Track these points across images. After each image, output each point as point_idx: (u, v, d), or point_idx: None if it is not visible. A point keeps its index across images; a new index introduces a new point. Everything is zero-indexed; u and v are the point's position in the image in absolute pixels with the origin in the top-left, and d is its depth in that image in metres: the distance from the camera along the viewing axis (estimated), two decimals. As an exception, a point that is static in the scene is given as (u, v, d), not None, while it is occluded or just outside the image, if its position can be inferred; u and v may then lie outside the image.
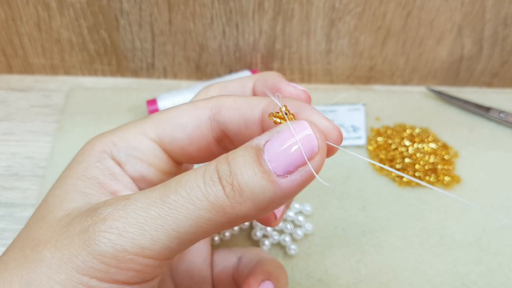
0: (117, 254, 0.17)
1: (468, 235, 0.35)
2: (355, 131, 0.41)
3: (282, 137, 0.17)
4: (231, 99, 0.21)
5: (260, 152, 0.17)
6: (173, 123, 0.21)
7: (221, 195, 0.17)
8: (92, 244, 0.17)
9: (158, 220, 0.17)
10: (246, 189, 0.17)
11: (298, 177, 0.17)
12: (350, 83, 0.46)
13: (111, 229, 0.17)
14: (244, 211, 0.17)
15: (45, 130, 0.42)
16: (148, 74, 0.46)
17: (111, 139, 0.21)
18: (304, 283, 0.33)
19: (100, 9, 0.40)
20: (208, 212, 0.17)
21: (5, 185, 0.38)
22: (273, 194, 0.17)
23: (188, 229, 0.17)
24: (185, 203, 0.17)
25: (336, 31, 0.42)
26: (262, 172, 0.17)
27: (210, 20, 0.41)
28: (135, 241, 0.17)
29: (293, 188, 0.17)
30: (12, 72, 0.46)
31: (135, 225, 0.17)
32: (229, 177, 0.17)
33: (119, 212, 0.18)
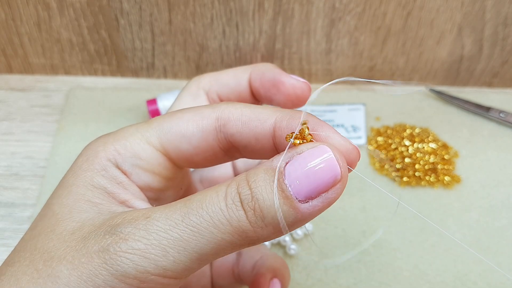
0: (139, 275, 0.17)
1: (468, 235, 0.35)
2: (355, 131, 0.41)
3: (304, 161, 0.17)
4: (238, 111, 0.20)
5: (281, 176, 0.17)
6: (178, 134, 0.21)
7: (244, 219, 0.17)
8: (114, 265, 0.17)
9: (180, 242, 0.17)
10: (268, 215, 0.17)
11: (320, 203, 0.17)
12: (350, 83, 0.46)
13: (133, 250, 0.17)
14: (265, 234, 0.17)
15: (45, 130, 0.42)
16: (148, 74, 0.46)
17: (114, 147, 0.21)
18: (304, 283, 0.33)
19: (100, 9, 0.40)
20: (230, 236, 0.17)
21: (5, 185, 0.38)
22: (294, 219, 0.17)
23: (209, 251, 0.17)
24: (208, 226, 0.17)
25: (336, 31, 0.42)
26: (284, 197, 0.17)
27: (210, 20, 0.41)
28: (157, 262, 0.17)
29: (313, 214, 0.17)
30: (12, 72, 0.46)
31: (158, 247, 0.17)
32: (251, 202, 0.17)
33: (141, 233, 0.18)
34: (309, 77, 0.46)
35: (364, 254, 0.34)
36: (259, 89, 0.25)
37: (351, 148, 0.19)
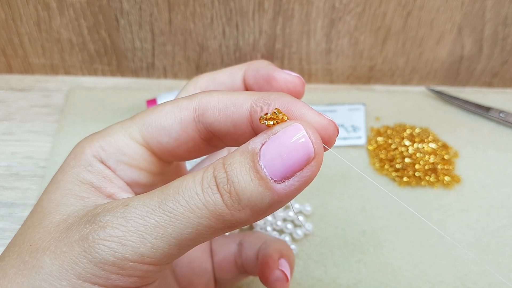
0: (117, 262, 0.17)
1: (468, 235, 0.35)
2: (355, 131, 0.41)
3: (278, 141, 0.17)
4: (214, 99, 0.20)
5: (256, 158, 0.17)
6: (158, 127, 0.21)
7: (220, 203, 0.17)
8: (92, 252, 0.17)
9: (157, 228, 0.17)
10: (244, 197, 0.17)
11: (296, 182, 0.17)
12: (350, 83, 0.46)
13: (111, 237, 0.17)
14: (243, 217, 0.17)
15: (45, 130, 0.42)
16: (148, 74, 0.46)
17: (99, 144, 0.21)
18: (304, 283, 0.33)
19: (100, 9, 0.40)
20: (207, 219, 0.17)
21: (5, 185, 0.38)
22: (270, 200, 0.17)
23: (188, 236, 0.17)
24: (184, 211, 0.17)
25: (336, 31, 0.42)
26: (259, 178, 0.17)
27: (210, 20, 0.41)
28: (135, 249, 0.17)
29: (290, 193, 0.17)
30: (12, 72, 0.46)
31: (135, 234, 0.17)
32: (227, 185, 0.17)
33: (118, 220, 0.18)
34: (309, 77, 0.46)
35: (364, 254, 0.34)
36: (253, 86, 0.25)
37: (327, 123, 0.18)
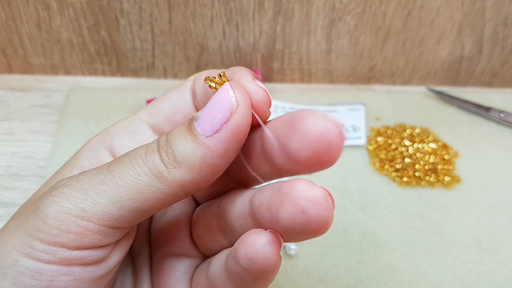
0: (59, 215, 0.18)
1: (468, 235, 0.35)
2: (355, 131, 0.41)
3: (210, 102, 0.18)
4: (206, 72, 0.21)
5: (192, 121, 0.19)
6: (162, 99, 0.23)
7: (158, 161, 0.18)
8: (40, 206, 0.19)
9: (101, 185, 0.18)
10: (178, 154, 0.18)
11: (223, 133, 0.18)
12: (350, 83, 0.46)
13: (59, 194, 0.19)
14: (180, 174, 0.18)
15: (45, 130, 0.42)
16: (148, 74, 0.46)
17: (106, 131, 0.23)
18: (304, 283, 0.33)
19: (100, 9, 0.40)
20: (146, 176, 0.18)
21: (5, 184, 0.38)
22: (203, 154, 0.18)
23: (128, 194, 0.18)
24: (126, 169, 0.18)
25: (336, 31, 0.42)
26: (191, 135, 0.18)
27: (210, 20, 0.41)
28: (77, 203, 0.18)
29: (220, 145, 0.18)
30: (12, 72, 0.46)
31: (80, 190, 0.19)
32: (165, 146, 0.18)
33: (71, 181, 0.19)
34: (309, 77, 0.46)
35: (364, 254, 0.34)
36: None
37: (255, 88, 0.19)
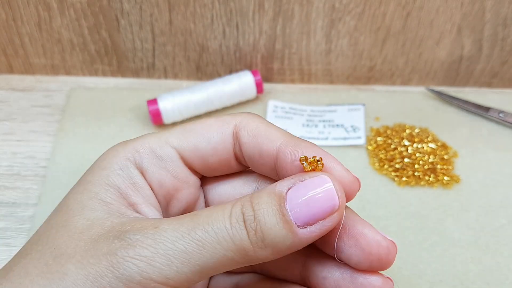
0: (142, 281, 0.18)
1: (467, 235, 0.36)
2: (355, 131, 0.41)
3: (305, 188, 0.19)
4: (254, 124, 0.22)
5: (283, 201, 0.18)
6: (199, 134, 0.22)
7: (245, 239, 0.18)
8: (120, 269, 0.18)
9: (185, 254, 0.18)
10: (268, 237, 0.18)
11: (317, 229, 0.18)
12: (350, 83, 0.46)
13: (140, 257, 0.18)
14: (264, 255, 0.19)
15: (46, 130, 0.42)
16: (148, 74, 0.46)
17: (133, 146, 0.22)
18: (304, 283, 0.33)
19: (101, 9, 0.40)
20: (232, 253, 0.18)
21: (6, 184, 0.38)
22: (291, 243, 0.18)
23: (211, 265, 0.18)
24: (212, 242, 0.18)
25: (336, 32, 0.42)
26: (284, 222, 0.18)
27: (210, 20, 0.41)
28: (161, 271, 0.18)
29: (310, 239, 0.19)
30: (13, 72, 0.46)
31: (163, 257, 0.18)
32: (254, 223, 0.18)
33: (148, 241, 0.18)
34: (309, 77, 0.46)
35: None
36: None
37: (352, 180, 0.20)
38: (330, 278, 0.21)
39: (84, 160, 0.39)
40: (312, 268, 0.22)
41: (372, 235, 0.20)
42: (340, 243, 0.20)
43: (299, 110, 0.43)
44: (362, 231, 0.20)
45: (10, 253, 0.34)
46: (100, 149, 0.40)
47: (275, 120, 0.42)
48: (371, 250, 0.20)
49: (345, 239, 0.20)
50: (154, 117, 0.40)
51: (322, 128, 0.41)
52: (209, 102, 0.41)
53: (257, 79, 0.42)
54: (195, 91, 0.41)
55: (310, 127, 0.42)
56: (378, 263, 0.20)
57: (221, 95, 0.41)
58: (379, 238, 0.20)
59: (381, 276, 0.20)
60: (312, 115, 0.43)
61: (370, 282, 0.20)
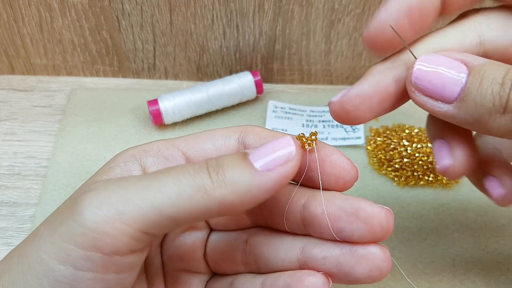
0: (97, 218, 0.18)
1: (466, 234, 0.36)
2: (354, 131, 0.41)
3: (268, 145, 0.20)
4: (259, 129, 0.23)
5: (246, 154, 0.20)
6: (205, 138, 0.23)
7: (206, 177, 0.19)
8: (76, 209, 0.18)
9: (144, 191, 0.19)
10: (229, 175, 0.19)
11: (275, 173, 0.20)
12: (350, 84, 0.46)
13: (97, 195, 0.19)
14: (223, 193, 0.19)
15: (47, 130, 0.42)
16: (149, 74, 0.46)
17: (142, 147, 0.23)
18: (304, 282, 0.33)
19: (102, 10, 0.40)
20: (190, 188, 0.19)
21: (7, 184, 0.38)
22: (250, 182, 0.19)
23: (169, 201, 0.19)
24: (172, 179, 0.19)
25: (335, 32, 0.42)
26: (246, 164, 0.19)
27: (210, 21, 0.41)
28: (116, 205, 0.18)
29: (269, 181, 0.19)
30: (14, 72, 0.46)
31: (119, 193, 0.19)
32: (216, 167, 0.19)
33: (109, 185, 0.19)
34: (309, 78, 0.46)
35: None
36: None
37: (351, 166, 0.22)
38: (329, 256, 0.22)
39: (85, 160, 0.40)
40: (310, 251, 0.22)
41: (371, 208, 0.21)
42: (340, 223, 0.21)
43: (299, 110, 0.43)
44: (360, 205, 0.21)
45: (11, 252, 0.34)
46: (101, 149, 0.41)
47: (275, 120, 0.42)
48: (373, 221, 0.21)
49: (344, 217, 0.21)
50: (154, 117, 0.40)
51: (322, 128, 0.42)
52: (210, 102, 0.42)
53: (257, 80, 0.42)
54: (195, 91, 0.41)
55: (309, 127, 0.42)
56: (381, 232, 0.21)
57: (221, 96, 0.42)
58: (378, 209, 0.21)
59: (378, 245, 0.21)
60: (312, 115, 0.43)
61: (370, 251, 0.21)
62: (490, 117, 0.19)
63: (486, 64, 0.20)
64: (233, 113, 0.43)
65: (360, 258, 0.21)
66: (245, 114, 0.43)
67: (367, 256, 0.21)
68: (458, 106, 0.20)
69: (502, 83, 0.19)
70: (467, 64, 0.20)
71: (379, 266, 0.21)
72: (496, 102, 0.19)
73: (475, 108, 0.19)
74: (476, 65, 0.20)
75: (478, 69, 0.20)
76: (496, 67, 0.20)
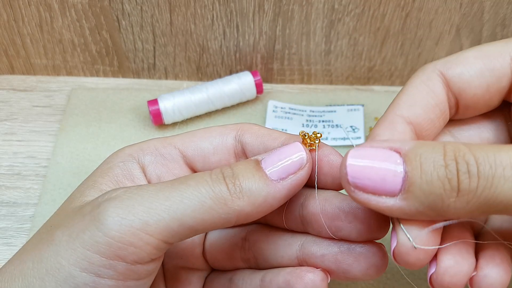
0: (122, 228, 0.18)
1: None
2: (354, 132, 0.41)
3: (279, 152, 0.21)
4: (256, 127, 0.24)
5: (259, 163, 0.21)
6: (202, 136, 0.24)
7: (225, 189, 0.20)
8: (100, 218, 0.18)
9: (166, 202, 0.19)
10: (245, 187, 0.20)
11: (289, 181, 0.20)
12: (349, 84, 0.46)
13: (121, 205, 0.19)
14: (241, 205, 0.19)
15: (47, 130, 0.42)
16: (149, 74, 0.46)
17: (139, 146, 0.23)
18: (304, 282, 0.33)
19: (102, 10, 0.41)
20: (211, 201, 0.19)
21: (7, 184, 0.38)
22: (267, 193, 0.20)
23: (191, 213, 0.19)
24: (193, 190, 0.19)
25: (335, 32, 0.42)
26: (260, 174, 0.20)
27: (210, 21, 0.41)
28: (141, 217, 0.18)
29: (283, 190, 0.20)
30: (14, 72, 0.46)
31: (144, 204, 0.19)
32: (232, 177, 0.20)
33: (130, 194, 0.19)
34: (309, 78, 0.46)
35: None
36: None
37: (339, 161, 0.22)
38: (328, 254, 0.22)
39: (85, 160, 0.40)
40: (309, 249, 0.23)
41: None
42: (338, 223, 0.22)
43: (299, 110, 0.43)
44: (358, 205, 0.21)
45: (11, 253, 0.34)
46: (101, 149, 0.41)
47: (275, 120, 0.42)
48: (370, 221, 0.21)
49: (342, 217, 0.22)
50: (154, 117, 0.40)
51: (322, 129, 0.42)
52: (209, 102, 0.42)
53: (257, 80, 0.42)
54: (195, 91, 0.41)
55: (309, 127, 0.42)
56: (378, 231, 0.21)
57: (221, 96, 0.42)
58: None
59: (375, 243, 0.22)
60: (312, 115, 0.43)
61: (368, 249, 0.22)
62: (444, 203, 0.18)
63: (418, 147, 0.18)
64: (233, 113, 0.43)
65: (358, 256, 0.22)
66: (245, 114, 0.43)
67: (365, 255, 0.22)
68: (405, 198, 0.18)
69: (446, 165, 0.18)
70: (398, 150, 0.19)
71: (376, 264, 0.22)
72: (446, 186, 0.18)
73: (425, 196, 0.18)
74: (408, 150, 0.19)
75: (413, 155, 0.18)
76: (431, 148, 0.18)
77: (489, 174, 0.17)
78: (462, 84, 0.22)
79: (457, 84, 0.22)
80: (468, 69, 0.22)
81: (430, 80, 0.22)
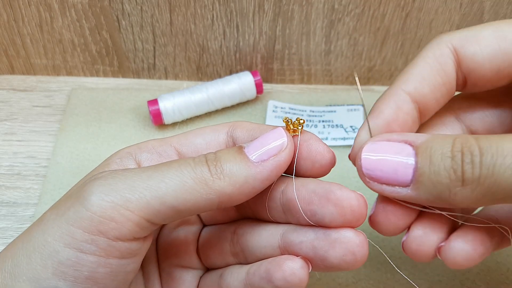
0: (103, 203, 0.19)
1: (466, 235, 0.36)
2: (354, 132, 0.41)
3: (261, 137, 0.22)
4: (247, 123, 0.24)
5: (242, 148, 0.21)
6: (196, 134, 0.25)
7: (206, 170, 0.20)
8: (84, 195, 0.19)
9: (148, 181, 0.20)
10: (226, 168, 0.20)
11: (270, 163, 0.21)
12: (349, 84, 0.46)
13: (104, 183, 0.19)
14: (222, 185, 0.20)
15: (47, 130, 0.42)
16: (149, 74, 0.46)
17: (137, 145, 0.24)
18: (304, 282, 0.33)
19: (102, 10, 0.41)
20: (192, 181, 0.20)
21: (7, 184, 0.38)
22: (247, 173, 0.20)
23: (172, 192, 0.19)
24: (175, 171, 0.20)
25: (335, 32, 0.42)
26: (241, 157, 0.21)
27: (210, 21, 0.41)
28: (122, 193, 0.19)
29: (264, 171, 0.21)
30: (14, 72, 0.46)
31: (126, 182, 0.20)
32: (214, 160, 0.21)
33: (115, 174, 0.20)
34: (309, 78, 0.46)
35: (363, 253, 0.35)
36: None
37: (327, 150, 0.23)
38: (306, 241, 0.22)
39: (85, 160, 0.40)
40: (289, 237, 0.23)
41: (340, 191, 0.21)
42: (312, 207, 0.21)
43: (299, 110, 0.43)
44: (331, 188, 0.21)
45: (11, 252, 0.34)
46: (101, 149, 0.41)
47: (275, 120, 0.42)
48: (343, 204, 0.21)
49: (316, 200, 0.21)
50: (154, 117, 0.40)
51: (322, 129, 0.42)
52: (209, 102, 0.42)
53: (257, 80, 0.42)
54: (195, 91, 0.41)
55: (309, 127, 0.42)
56: (352, 216, 0.21)
57: (221, 96, 0.42)
58: (348, 192, 0.21)
59: (352, 229, 0.21)
60: (312, 115, 0.43)
61: (343, 235, 0.21)
62: (451, 192, 0.19)
63: (430, 140, 0.20)
64: (233, 113, 0.43)
65: (333, 242, 0.21)
66: (245, 114, 0.43)
67: (340, 240, 0.21)
68: (415, 188, 0.20)
69: (452, 156, 0.19)
70: (412, 144, 0.20)
71: (353, 250, 0.21)
72: (452, 176, 0.19)
73: (433, 186, 0.19)
74: (420, 143, 0.20)
75: (424, 147, 0.19)
76: (441, 140, 0.19)
77: (490, 163, 0.18)
78: (474, 65, 0.22)
79: (468, 64, 0.22)
80: (483, 49, 0.21)
81: (442, 57, 0.22)
